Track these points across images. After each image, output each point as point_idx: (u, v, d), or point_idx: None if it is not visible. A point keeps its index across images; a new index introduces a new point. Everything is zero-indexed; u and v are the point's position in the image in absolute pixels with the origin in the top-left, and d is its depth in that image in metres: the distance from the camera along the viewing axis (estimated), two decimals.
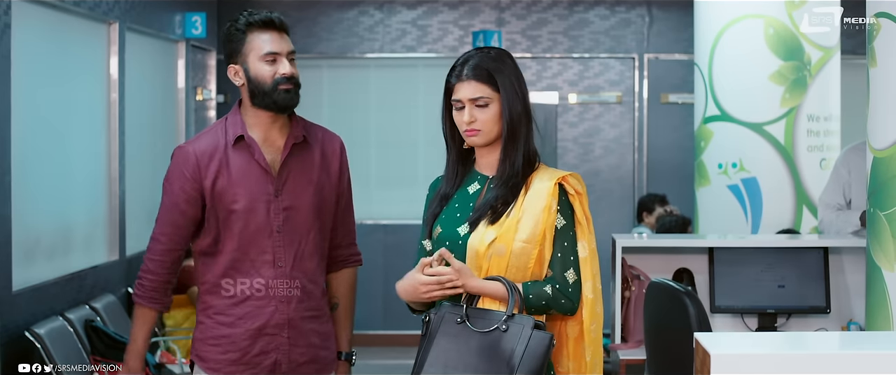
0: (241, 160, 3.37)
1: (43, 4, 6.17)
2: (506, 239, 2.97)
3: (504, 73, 3.02)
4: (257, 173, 3.37)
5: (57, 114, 6.32)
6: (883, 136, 3.45)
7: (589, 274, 3.01)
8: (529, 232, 2.97)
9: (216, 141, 3.39)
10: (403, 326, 8.93)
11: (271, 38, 3.34)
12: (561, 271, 2.99)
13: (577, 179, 3.04)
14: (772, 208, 5.95)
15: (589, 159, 9.57)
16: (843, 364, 2.21)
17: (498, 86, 3.01)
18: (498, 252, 2.97)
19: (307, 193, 3.36)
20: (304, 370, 3.44)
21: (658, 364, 3.77)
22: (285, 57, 3.35)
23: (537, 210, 2.97)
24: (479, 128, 3.01)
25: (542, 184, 3.00)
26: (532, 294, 2.96)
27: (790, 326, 4.75)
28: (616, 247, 4.68)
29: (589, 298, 3.00)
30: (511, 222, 2.97)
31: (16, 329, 5.56)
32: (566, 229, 3.00)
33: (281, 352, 3.39)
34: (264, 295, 3.38)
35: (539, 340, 2.88)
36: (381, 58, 9.54)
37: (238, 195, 3.35)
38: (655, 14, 9.52)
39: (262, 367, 3.39)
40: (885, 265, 3.44)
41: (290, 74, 3.34)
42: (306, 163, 3.41)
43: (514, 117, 3.02)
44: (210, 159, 3.36)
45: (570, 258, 2.99)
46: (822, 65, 5.91)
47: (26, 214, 5.82)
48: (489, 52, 3.06)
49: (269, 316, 3.38)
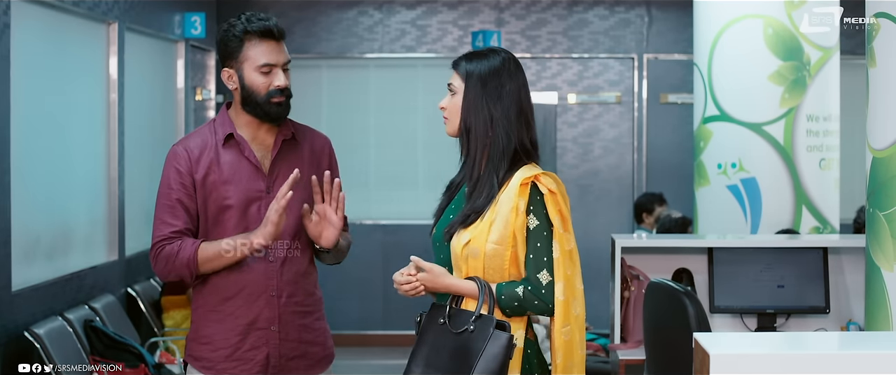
0: (231, 157, 3.38)
1: (42, 4, 6.17)
2: (479, 242, 2.98)
3: (477, 71, 3.03)
4: (248, 170, 3.38)
5: (56, 114, 6.32)
6: (882, 136, 3.45)
7: (561, 275, 2.96)
8: (499, 234, 2.97)
9: (206, 139, 3.40)
10: (403, 326, 8.93)
11: (268, 49, 3.33)
12: (534, 272, 2.97)
13: (550, 178, 3.01)
14: (771, 208, 5.95)
15: (588, 159, 9.57)
16: (842, 365, 2.21)
17: (466, 79, 3.04)
18: (473, 254, 2.98)
19: (297, 190, 3.36)
20: (295, 365, 3.43)
21: (657, 364, 3.76)
22: (281, 68, 3.35)
23: (506, 211, 2.97)
24: (447, 116, 3.08)
25: (513, 184, 2.99)
26: (504, 294, 2.96)
27: (789, 326, 4.75)
28: (615, 247, 4.68)
29: (559, 299, 2.95)
30: (484, 224, 2.98)
31: (15, 330, 5.56)
32: (539, 230, 2.97)
33: (271, 346, 3.39)
34: (254, 290, 3.38)
35: (496, 340, 2.87)
36: (380, 58, 9.54)
37: (229, 191, 3.36)
38: (655, 14, 9.52)
39: (254, 362, 3.39)
40: (885, 265, 3.44)
41: (284, 87, 3.34)
42: (296, 161, 3.42)
43: (471, 114, 3.03)
44: (201, 155, 3.37)
45: (542, 259, 2.97)
46: (821, 65, 5.90)
47: (26, 214, 5.82)
48: (486, 50, 3.10)
49: (259, 311, 3.38)
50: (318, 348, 3.48)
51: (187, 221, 3.35)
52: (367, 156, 9.49)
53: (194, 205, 3.37)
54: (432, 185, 8.71)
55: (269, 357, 3.39)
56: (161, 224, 3.36)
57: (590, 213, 9.25)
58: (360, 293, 9.26)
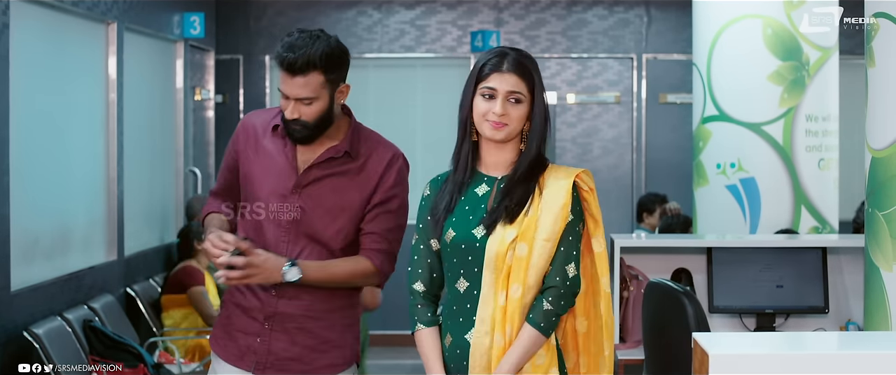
0: (273, 146, 3.39)
1: (41, 4, 6.17)
2: (527, 238, 2.96)
3: (538, 77, 3.06)
4: (282, 164, 3.37)
5: (55, 114, 6.32)
6: (881, 136, 3.45)
7: (605, 270, 3.03)
8: (550, 230, 2.97)
9: (267, 121, 3.43)
10: (403, 326, 8.92)
11: (284, 79, 3.28)
12: (562, 264, 2.97)
13: (589, 176, 3.04)
14: (770, 208, 5.95)
15: (587, 159, 9.57)
16: (841, 365, 2.21)
17: (533, 87, 3.03)
18: (519, 251, 2.96)
19: (327, 202, 3.32)
20: (290, 366, 3.38)
21: (656, 364, 3.76)
22: (294, 101, 3.28)
23: (557, 208, 2.97)
24: (508, 123, 3.01)
25: (559, 183, 3.00)
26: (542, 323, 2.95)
27: (788, 326, 4.75)
28: (614, 247, 4.68)
29: (606, 292, 3.03)
30: (530, 221, 2.97)
31: (14, 330, 5.56)
32: (573, 224, 2.99)
33: (261, 341, 3.36)
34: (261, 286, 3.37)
35: None
36: (379, 58, 9.54)
37: (258, 180, 3.37)
38: (654, 14, 9.52)
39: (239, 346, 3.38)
40: (884, 265, 3.44)
41: (296, 119, 3.29)
42: (337, 173, 3.36)
43: (541, 120, 3.04)
44: (250, 136, 3.42)
45: (572, 252, 2.99)
46: (820, 65, 5.91)
47: (25, 214, 5.82)
48: (522, 52, 3.09)
49: (256, 304, 3.36)
50: (318, 355, 3.38)
51: (223, 187, 3.49)
52: None
53: (233, 178, 3.46)
54: None
55: (256, 351, 3.36)
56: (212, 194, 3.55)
57: None
58: None
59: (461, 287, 3.02)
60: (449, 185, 3.08)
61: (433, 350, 3.04)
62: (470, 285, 3.00)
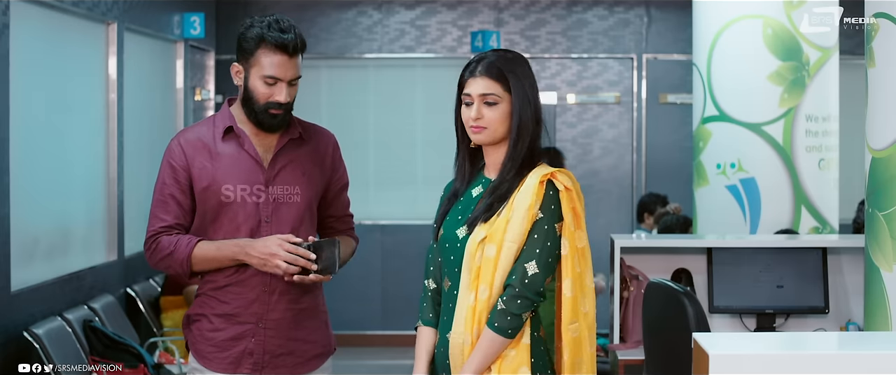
0: (230, 150, 3.38)
1: (41, 4, 6.17)
2: (495, 239, 2.96)
3: (517, 75, 3.02)
4: (247, 163, 3.38)
5: (55, 114, 6.32)
6: (881, 136, 3.45)
7: (568, 272, 2.96)
8: (516, 230, 2.95)
9: (204, 132, 3.41)
10: (402, 326, 8.92)
11: (278, 62, 3.30)
12: (523, 262, 2.94)
13: (566, 175, 3.01)
14: (770, 208, 5.95)
15: (587, 160, 9.57)
16: (841, 365, 2.21)
17: (509, 87, 3.01)
18: (488, 252, 2.96)
19: (297, 187, 3.37)
20: (281, 362, 3.42)
21: (656, 364, 3.76)
22: (286, 82, 3.32)
23: (523, 209, 2.96)
24: (485, 126, 3.01)
25: (530, 182, 2.98)
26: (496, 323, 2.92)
27: (788, 326, 4.75)
28: (614, 248, 4.68)
29: (567, 296, 2.95)
30: (501, 221, 2.96)
31: (14, 330, 5.56)
32: (541, 222, 2.96)
33: (257, 342, 3.38)
34: (249, 283, 3.37)
35: None
36: (379, 58, 9.54)
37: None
38: (654, 14, 9.52)
39: (234, 352, 3.39)
40: (884, 265, 3.44)
41: (284, 102, 3.32)
42: (299, 158, 3.42)
43: (523, 120, 3.01)
44: (197, 149, 3.38)
45: (535, 250, 2.94)
46: (820, 65, 5.90)
47: (25, 214, 5.82)
48: (506, 53, 3.07)
49: (249, 305, 3.38)
50: (309, 346, 3.47)
51: (178, 216, 3.37)
52: (366, 157, 9.49)
53: (187, 201, 3.38)
54: (431, 185, 8.72)
55: (253, 352, 3.39)
56: (154, 218, 3.40)
57: (589, 213, 9.16)
58: (359, 293, 9.25)
59: (446, 286, 3.06)
60: (452, 189, 3.13)
61: (423, 349, 3.09)
62: (452, 284, 3.04)
